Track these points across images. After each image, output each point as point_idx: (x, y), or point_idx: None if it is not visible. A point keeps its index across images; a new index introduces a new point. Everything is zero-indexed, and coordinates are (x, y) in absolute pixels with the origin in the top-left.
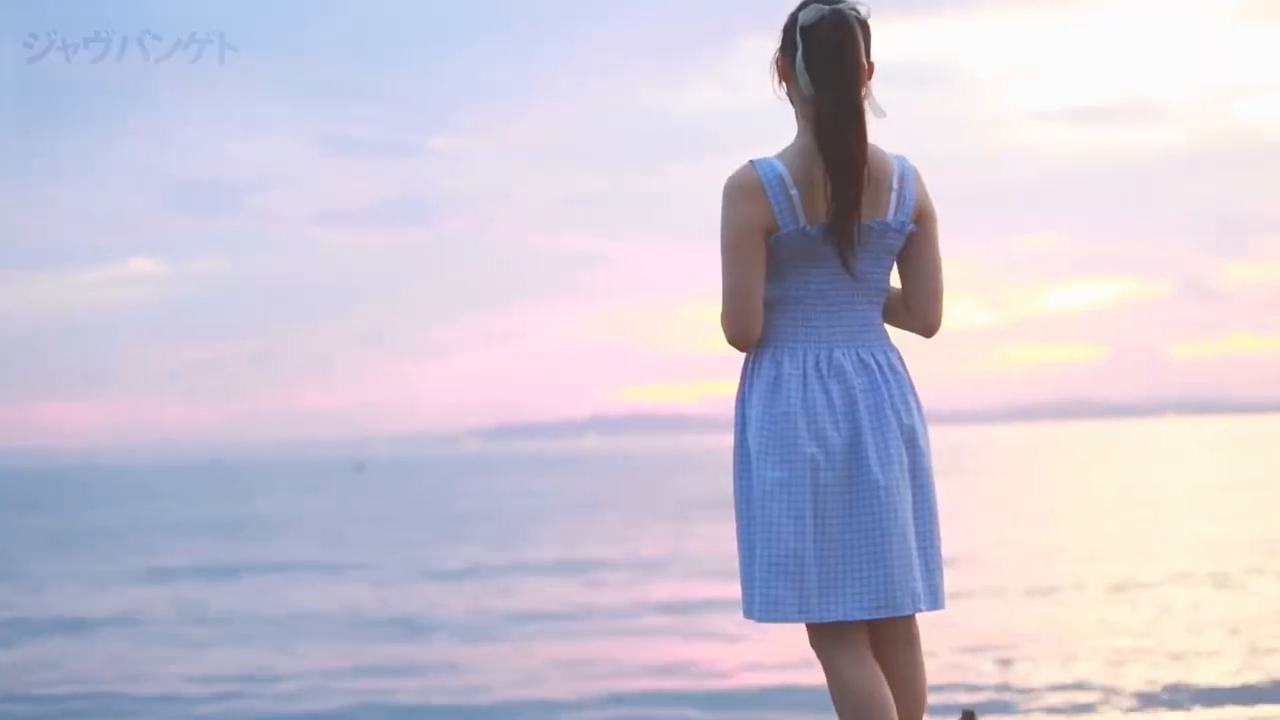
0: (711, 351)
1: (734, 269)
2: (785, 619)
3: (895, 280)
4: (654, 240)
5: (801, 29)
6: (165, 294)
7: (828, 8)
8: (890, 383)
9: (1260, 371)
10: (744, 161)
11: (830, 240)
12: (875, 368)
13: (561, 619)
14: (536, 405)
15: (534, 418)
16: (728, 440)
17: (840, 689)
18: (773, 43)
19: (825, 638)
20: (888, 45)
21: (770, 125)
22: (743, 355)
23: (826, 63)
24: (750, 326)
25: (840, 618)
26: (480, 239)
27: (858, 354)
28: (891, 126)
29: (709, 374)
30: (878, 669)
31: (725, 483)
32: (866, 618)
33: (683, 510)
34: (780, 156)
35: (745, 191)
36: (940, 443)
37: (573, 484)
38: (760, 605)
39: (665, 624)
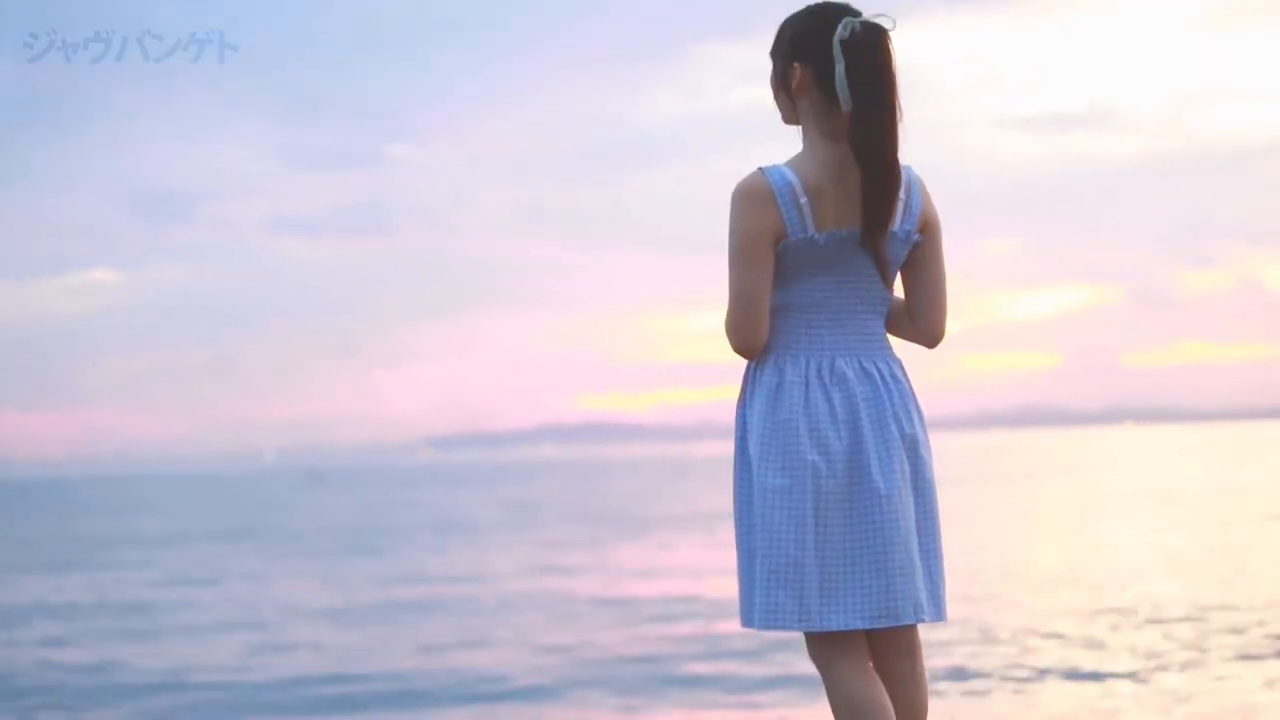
0: (666, 361)
1: (742, 276)
2: (785, 626)
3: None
4: (612, 249)
5: (842, 43)
6: (123, 303)
7: (862, 21)
8: (892, 391)
9: (1212, 379)
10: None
11: (838, 249)
12: (878, 376)
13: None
14: (492, 414)
15: (490, 427)
16: (681, 449)
17: (840, 700)
18: (732, 49)
19: (824, 648)
20: None
21: (727, 132)
22: (744, 363)
23: (869, 76)
24: (757, 334)
25: (841, 627)
26: (439, 247)
27: (860, 362)
28: None
29: (663, 383)
30: (878, 680)
31: (670, 492)
32: (867, 627)
33: (620, 521)
34: (789, 165)
35: (755, 198)
36: None
37: (513, 494)
38: (761, 613)
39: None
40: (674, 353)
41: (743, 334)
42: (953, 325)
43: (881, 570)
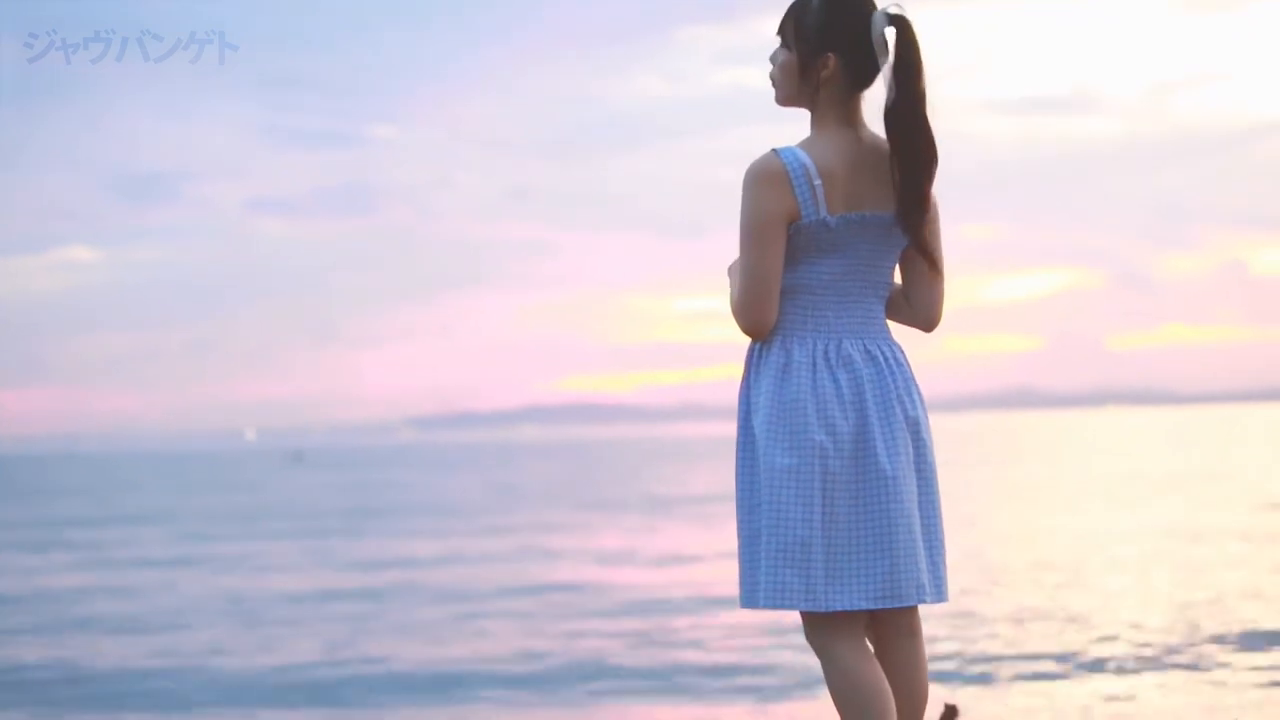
0: (648, 342)
1: (755, 256)
2: (792, 606)
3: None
4: (594, 230)
5: (884, 33)
6: (103, 282)
7: (894, 11)
8: (896, 375)
9: (1193, 362)
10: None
11: (875, 231)
12: (881, 360)
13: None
14: (474, 394)
15: (472, 407)
16: (663, 429)
17: (840, 682)
18: (714, 32)
19: (824, 630)
20: None
21: (708, 114)
22: (742, 346)
23: (908, 68)
24: (767, 315)
25: (846, 607)
26: (421, 228)
27: (865, 346)
28: None
29: (645, 364)
30: (877, 663)
31: (655, 473)
32: (872, 607)
33: (598, 503)
34: (801, 147)
35: (770, 179)
36: None
37: (494, 475)
38: (766, 592)
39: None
40: (656, 334)
41: (753, 314)
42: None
43: (886, 551)
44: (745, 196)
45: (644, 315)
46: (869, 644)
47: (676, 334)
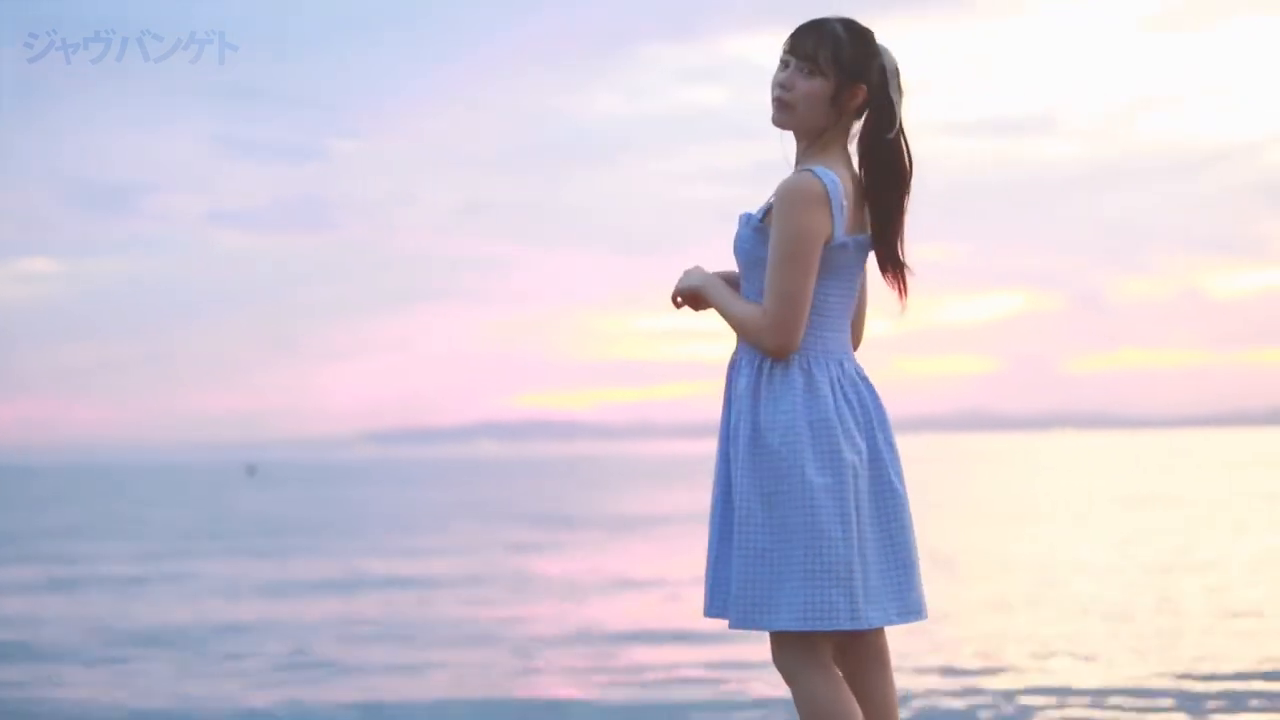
0: (606, 360)
1: (795, 277)
2: (837, 625)
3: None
4: (553, 247)
5: (895, 70)
6: (62, 293)
7: (886, 48)
8: (876, 395)
9: (1149, 386)
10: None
11: (862, 255)
12: (865, 381)
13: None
14: (431, 410)
15: (429, 422)
16: (619, 447)
17: (810, 709)
18: (675, 50)
19: (799, 655)
20: None
21: (669, 132)
22: (723, 364)
23: (900, 96)
24: (797, 336)
25: (880, 623)
26: (380, 242)
27: (855, 367)
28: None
29: (602, 382)
30: (848, 689)
31: (606, 489)
32: (899, 623)
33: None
34: (828, 168)
35: (816, 200)
36: None
37: (448, 491)
38: (801, 612)
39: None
40: (613, 351)
41: (785, 335)
42: (890, 329)
43: (904, 567)
44: (789, 216)
45: (602, 332)
46: (838, 671)
47: (634, 351)
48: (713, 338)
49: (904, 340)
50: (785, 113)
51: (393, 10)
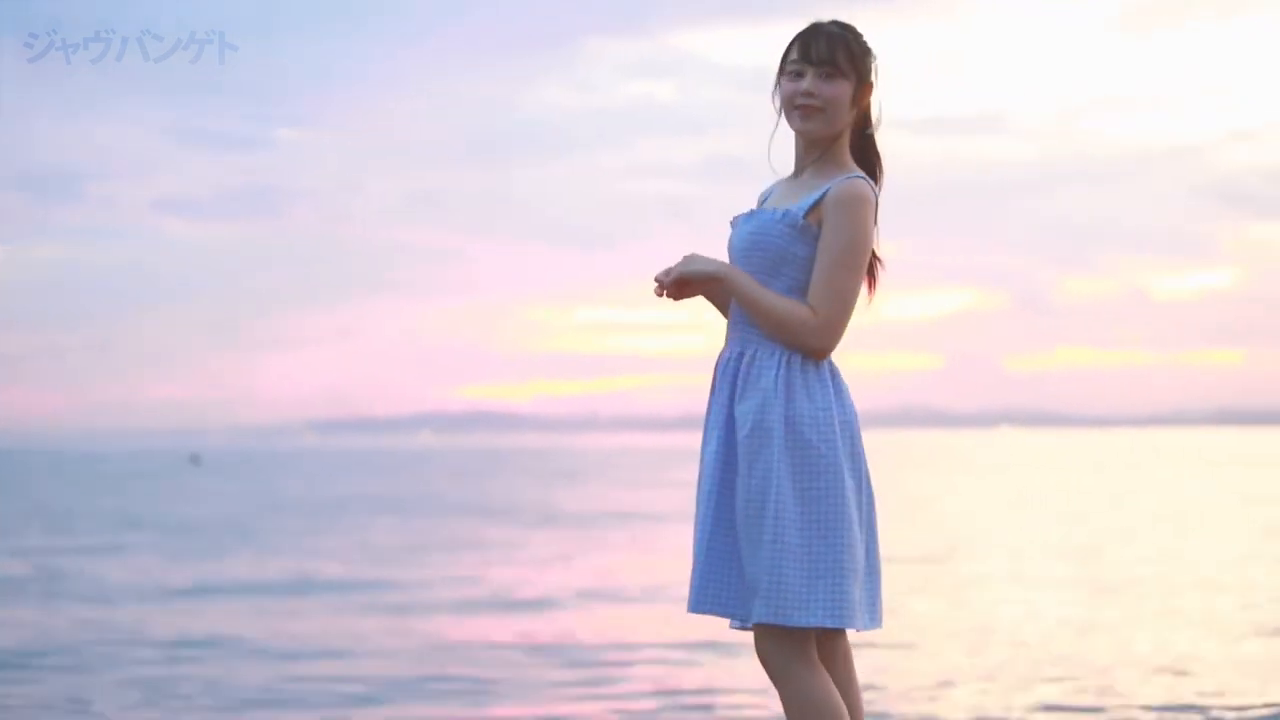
0: (548, 352)
1: (853, 280)
2: (852, 624)
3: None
4: (498, 239)
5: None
6: (5, 280)
7: None
8: None
9: (1092, 385)
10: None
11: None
12: None
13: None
14: (374, 400)
15: (371, 412)
16: (560, 440)
17: (802, 703)
18: (622, 44)
19: (793, 651)
20: (738, 52)
21: (614, 126)
22: (711, 359)
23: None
24: (841, 338)
25: (876, 625)
26: (326, 232)
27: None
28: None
29: (544, 374)
30: (833, 683)
31: (540, 486)
32: (879, 627)
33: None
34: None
35: (870, 206)
36: None
37: (386, 482)
38: (835, 609)
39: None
40: (556, 344)
41: (834, 337)
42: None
43: (877, 573)
44: (853, 221)
45: (545, 325)
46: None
47: (577, 345)
48: (657, 331)
49: (848, 336)
50: (815, 119)
51: (341, 0)
